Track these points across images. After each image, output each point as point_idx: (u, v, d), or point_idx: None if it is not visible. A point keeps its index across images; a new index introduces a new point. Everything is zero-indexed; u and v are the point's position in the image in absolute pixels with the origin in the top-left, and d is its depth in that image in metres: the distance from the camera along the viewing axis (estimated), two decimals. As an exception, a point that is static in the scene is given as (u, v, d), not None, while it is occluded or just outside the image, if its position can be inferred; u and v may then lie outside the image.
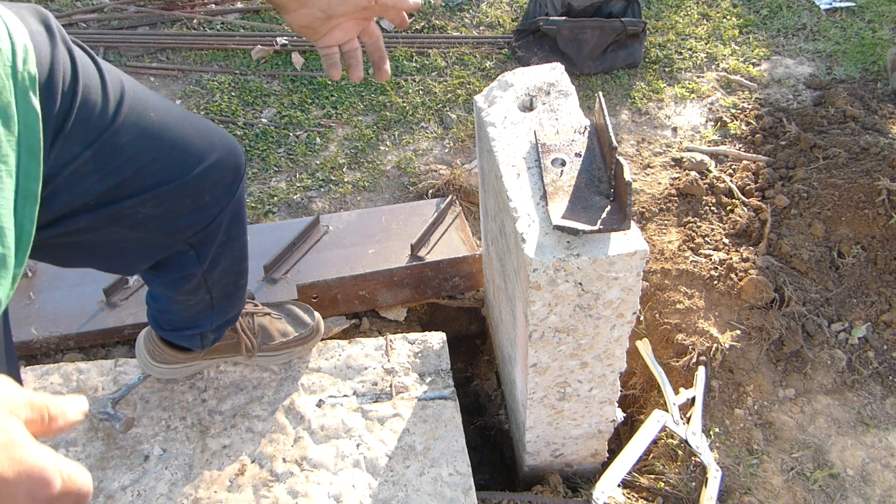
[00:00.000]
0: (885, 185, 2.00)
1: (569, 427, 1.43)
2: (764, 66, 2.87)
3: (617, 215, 1.04)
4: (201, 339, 1.45)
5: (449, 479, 1.41)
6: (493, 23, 3.14)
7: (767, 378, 1.75)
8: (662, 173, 2.33)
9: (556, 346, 1.19)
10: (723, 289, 1.89)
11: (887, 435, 1.66)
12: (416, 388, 1.58)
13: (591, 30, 2.80)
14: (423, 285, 1.90)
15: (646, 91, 2.76)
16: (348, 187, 2.36)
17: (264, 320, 1.59)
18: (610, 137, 1.04)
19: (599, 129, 1.12)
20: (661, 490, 1.56)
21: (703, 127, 2.58)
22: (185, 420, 1.53)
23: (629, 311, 1.15)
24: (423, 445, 1.47)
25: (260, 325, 1.58)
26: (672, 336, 1.84)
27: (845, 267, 1.94)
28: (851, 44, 2.96)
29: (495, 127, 1.27)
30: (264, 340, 1.58)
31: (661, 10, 3.20)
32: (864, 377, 1.76)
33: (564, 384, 1.30)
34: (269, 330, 1.59)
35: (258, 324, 1.58)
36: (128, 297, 1.86)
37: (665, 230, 2.11)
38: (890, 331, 1.83)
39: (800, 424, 1.68)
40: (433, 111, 2.67)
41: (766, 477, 1.59)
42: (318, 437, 1.50)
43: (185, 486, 1.42)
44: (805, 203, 2.08)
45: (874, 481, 1.59)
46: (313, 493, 1.40)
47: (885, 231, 1.97)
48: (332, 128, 2.61)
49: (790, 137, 2.36)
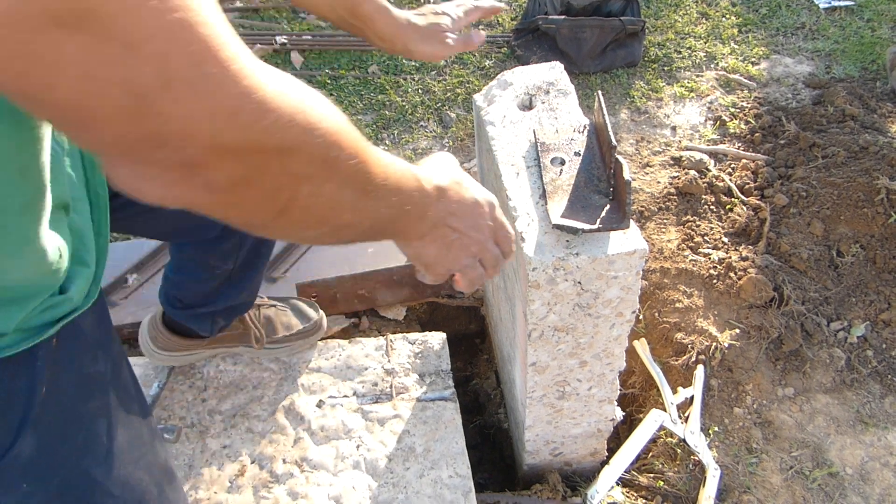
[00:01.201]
0: (884, 184, 2.00)
1: (568, 426, 1.43)
2: (763, 64, 2.87)
3: (616, 214, 1.04)
4: (212, 321, 1.45)
5: (449, 481, 1.41)
6: (493, 22, 3.14)
7: (766, 377, 1.75)
8: (661, 172, 2.33)
9: (555, 345, 1.19)
10: (722, 288, 1.89)
11: (886, 434, 1.66)
12: (416, 389, 1.58)
13: (591, 29, 2.80)
14: (422, 284, 1.90)
15: (645, 90, 2.76)
16: (347, 187, 2.36)
17: (270, 312, 1.61)
18: (609, 136, 1.04)
19: (599, 128, 1.12)
20: (660, 489, 1.56)
21: (702, 126, 2.58)
22: (184, 420, 1.53)
23: (629, 309, 1.15)
24: (423, 447, 1.47)
25: (266, 317, 1.60)
26: (671, 335, 1.84)
27: (844, 266, 1.94)
28: (850, 43, 2.96)
29: (495, 126, 1.27)
30: (268, 333, 1.59)
31: (661, 9, 3.20)
32: (863, 376, 1.76)
33: (564, 383, 1.30)
34: (273, 322, 1.60)
35: (264, 315, 1.59)
36: (127, 296, 1.86)
37: (664, 229, 2.11)
38: (889, 330, 1.83)
39: (799, 423, 1.69)
40: (432, 110, 2.67)
41: (765, 476, 1.59)
42: (318, 438, 1.50)
43: (184, 486, 1.42)
44: (804, 202, 2.08)
45: (873, 480, 1.59)
46: (313, 495, 1.40)
47: (885, 230, 1.97)
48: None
49: (789, 136, 2.36)
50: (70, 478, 0.75)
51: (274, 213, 0.54)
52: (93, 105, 0.41)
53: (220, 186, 0.48)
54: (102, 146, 0.45)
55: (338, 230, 0.61)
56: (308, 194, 0.54)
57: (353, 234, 0.63)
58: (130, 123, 0.43)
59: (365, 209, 0.61)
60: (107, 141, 0.44)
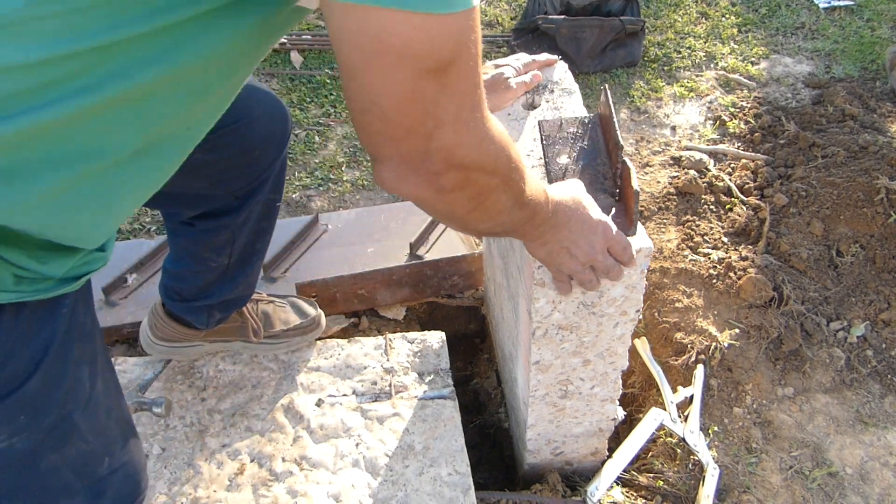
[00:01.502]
0: (883, 184, 2.01)
1: (570, 425, 1.43)
2: (763, 64, 2.88)
3: (623, 220, 1.04)
4: (208, 314, 1.47)
5: (448, 478, 1.41)
6: (492, 21, 3.13)
7: (766, 377, 1.75)
8: (661, 172, 2.33)
9: (559, 344, 1.19)
10: (722, 287, 1.89)
11: (886, 433, 1.66)
12: (415, 388, 1.58)
13: (590, 28, 2.80)
14: (422, 284, 1.89)
15: (645, 90, 2.76)
16: (347, 186, 2.35)
17: (268, 307, 1.62)
18: (616, 134, 1.04)
19: (605, 122, 1.11)
20: (659, 488, 1.56)
21: (701, 126, 2.58)
22: (184, 419, 1.53)
23: (633, 308, 1.15)
24: (422, 445, 1.47)
25: (263, 312, 1.61)
26: (671, 335, 1.84)
27: (844, 265, 1.94)
28: (850, 42, 2.96)
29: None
30: (265, 328, 1.59)
31: (660, 9, 3.20)
32: (862, 376, 1.76)
33: (566, 382, 1.30)
34: (271, 317, 1.61)
35: (262, 310, 1.61)
36: (126, 295, 1.85)
37: (664, 229, 2.11)
38: (889, 329, 1.83)
39: (798, 423, 1.69)
40: (432, 109, 2.66)
41: (765, 475, 1.59)
42: (318, 437, 1.49)
43: (184, 485, 1.41)
44: (804, 202, 2.08)
45: (873, 480, 1.59)
46: (312, 493, 1.39)
47: (884, 230, 1.97)
48: (331, 126, 2.60)
49: (789, 136, 2.36)
50: (57, 419, 0.80)
51: (470, 209, 0.76)
52: (407, 122, 0.62)
53: (446, 189, 0.70)
54: (394, 154, 0.65)
55: (496, 226, 0.84)
56: (493, 200, 0.77)
57: (500, 230, 0.87)
58: (421, 140, 0.64)
59: (514, 213, 0.83)
60: (401, 151, 0.65)
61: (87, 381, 0.82)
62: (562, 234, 0.94)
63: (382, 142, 0.65)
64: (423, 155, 0.65)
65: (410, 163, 0.66)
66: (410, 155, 0.65)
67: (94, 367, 0.84)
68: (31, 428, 0.77)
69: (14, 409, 0.75)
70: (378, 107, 0.61)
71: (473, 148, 0.68)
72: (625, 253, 0.99)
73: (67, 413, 0.80)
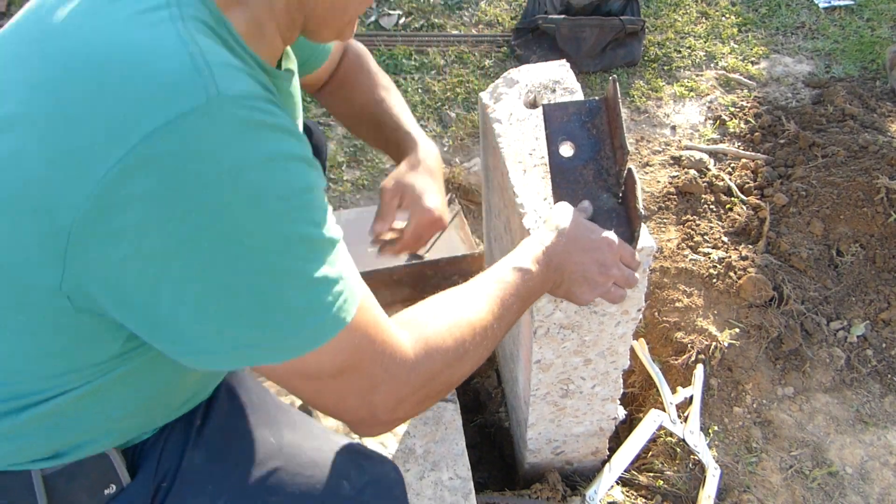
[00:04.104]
0: (883, 184, 2.01)
1: (571, 424, 1.43)
2: (763, 64, 2.88)
3: (626, 229, 1.03)
4: None
5: (449, 482, 1.41)
6: (492, 21, 3.13)
7: (766, 376, 1.75)
8: (661, 172, 2.33)
9: (560, 343, 1.19)
10: (721, 287, 1.89)
11: (886, 433, 1.67)
12: (416, 386, 1.58)
13: (590, 28, 2.80)
14: (422, 284, 1.89)
15: (644, 89, 2.76)
16: (347, 186, 2.35)
17: None
18: (623, 138, 1.03)
19: (610, 111, 1.07)
20: (659, 488, 1.56)
21: (701, 125, 2.59)
22: (184, 418, 1.52)
23: (634, 307, 1.15)
24: (423, 448, 1.47)
25: None
26: (671, 334, 1.84)
27: (844, 265, 1.95)
28: (850, 42, 2.97)
29: (501, 123, 1.27)
30: None
31: (660, 9, 3.20)
32: (862, 375, 1.77)
33: (568, 381, 1.30)
34: None
35: None
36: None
37: (664, 228, 2.11)
38: (889, 329, 1.83)
39: (798, 423, 1.69)
40: (432, 110, 2.66)
41: (765, 475, 1.59)
42: (319, 435, 1.49)
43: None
44: (804, 201, 2.08)
45: (873, 479, 1.59)
46: (314, 491, 1.39)
47: (884, 229, 1.97)
48: (331, 126, 2.60)
49: (789, 136, 2.36)
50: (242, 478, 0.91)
51: (445, 390, 0.84)
52: (344, 407, 0.77)
53: (414, 411, 0.81)
54: (358, 422, 0.79)
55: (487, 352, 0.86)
56: (459, 376, 0.84)
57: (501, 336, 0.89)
58: (366, 411, 0.77)
59: (491, 344, 0.86)
60: (360, 420, 0.78)
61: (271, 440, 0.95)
62: (567, 270, 0.95)
63: (347, 421, 0.79)
64: (376, 417, 0.78)
65: (374, 424, 0.79)
66: (368, 420, 0.78)
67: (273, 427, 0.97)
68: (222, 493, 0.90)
69: (190, 483, 0.90)
70: (326, 410, 0.77)
71: (406, 387, 0.77)
72: (634, 261, 1.02)
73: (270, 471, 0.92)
